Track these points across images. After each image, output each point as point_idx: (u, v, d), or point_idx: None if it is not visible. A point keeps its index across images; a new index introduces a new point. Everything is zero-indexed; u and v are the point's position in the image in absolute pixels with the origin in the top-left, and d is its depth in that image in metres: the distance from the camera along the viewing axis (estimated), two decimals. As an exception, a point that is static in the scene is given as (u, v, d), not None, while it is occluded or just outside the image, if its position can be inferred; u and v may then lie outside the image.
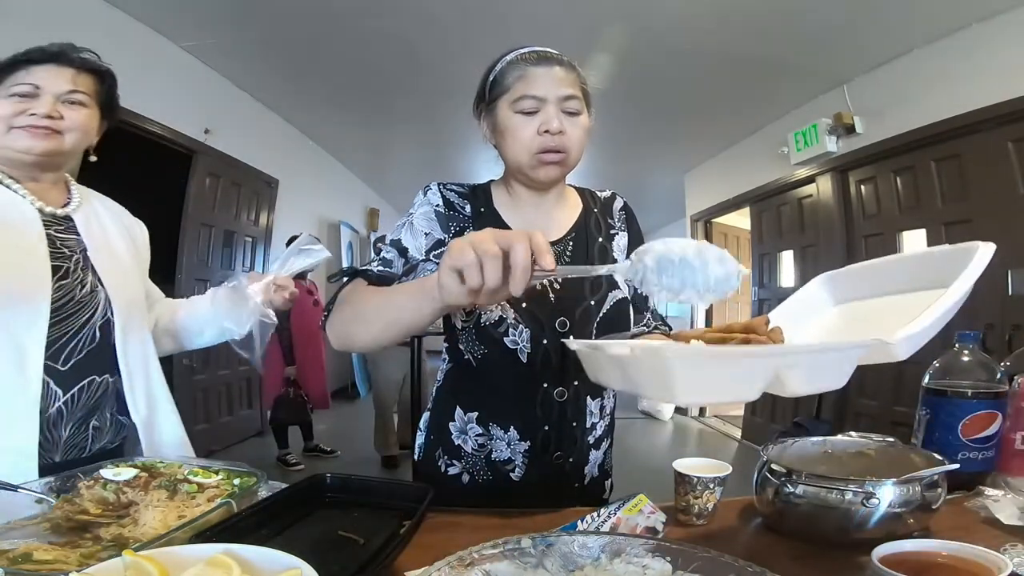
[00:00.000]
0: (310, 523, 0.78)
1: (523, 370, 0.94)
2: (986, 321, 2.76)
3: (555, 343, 0.93)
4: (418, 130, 5.34)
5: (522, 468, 0.96)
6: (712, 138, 5.31)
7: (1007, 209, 2.81)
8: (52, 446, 0.94)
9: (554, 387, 0.95)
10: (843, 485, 0.74)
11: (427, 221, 0.98)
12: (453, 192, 1.01)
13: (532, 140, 0.91)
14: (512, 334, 0.93)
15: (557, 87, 0.91)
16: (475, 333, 0.95)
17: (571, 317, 0.95)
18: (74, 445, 0.97)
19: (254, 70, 4.06)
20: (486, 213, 1.00)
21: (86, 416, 0.98)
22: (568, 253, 1.01)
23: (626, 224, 1.09)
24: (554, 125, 0.90)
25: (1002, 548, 0.68)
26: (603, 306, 0.97)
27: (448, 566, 0.58)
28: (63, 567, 0.58)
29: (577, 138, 0.93)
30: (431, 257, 0.96)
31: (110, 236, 1.09)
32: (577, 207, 1.06)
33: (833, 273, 0.81)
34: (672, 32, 3.30)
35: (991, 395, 0.94)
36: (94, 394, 0.99)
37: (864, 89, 3.71)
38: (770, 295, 4.95)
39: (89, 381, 0.98)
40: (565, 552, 0.63)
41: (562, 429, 0.96)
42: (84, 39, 1.06)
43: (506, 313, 0.93)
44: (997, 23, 2.84)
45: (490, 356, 0.95)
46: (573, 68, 0.95)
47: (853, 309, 0.76)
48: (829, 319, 0.78)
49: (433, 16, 3.24)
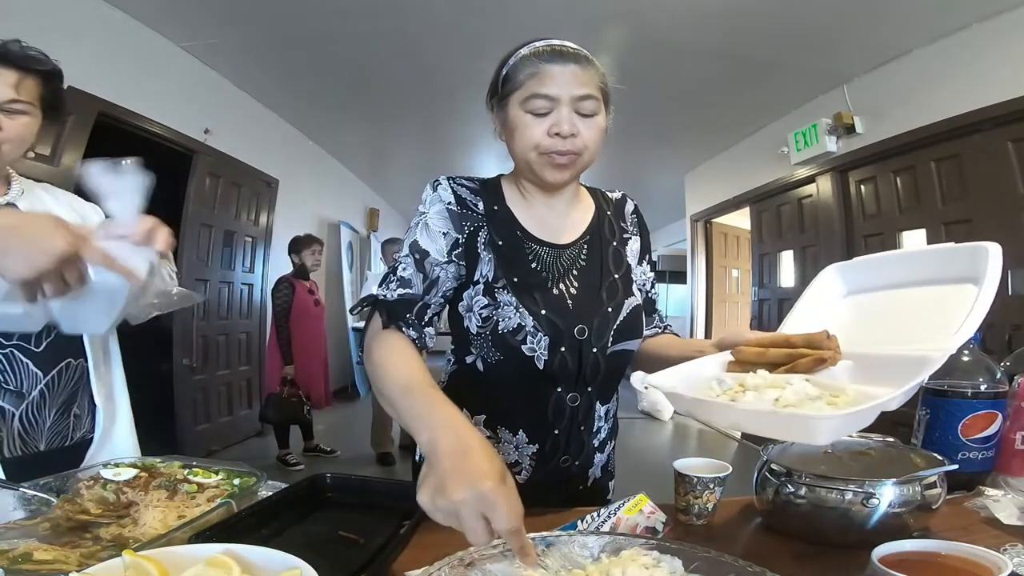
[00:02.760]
0: (310, 523, 0.78)
1: (536, 376, 0.91)
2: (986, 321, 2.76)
3: (573, 350, 0.91)
4: (418, 130, 5.34)
5: (528, 471, 0.95)
6: (712, 138, 5.30)
7: (1007, 209, 2.81)
8: (37, 433, 0.94)
9: (568, 392, 0.93)
10: (843, 485, 0.74)
11: (442, 220, 0.94)
12: (464, 188, 0.96)
13: (542, 140, 0.87)
14: (530, 342, 0.90)
15: (571, 87, 0.86)
16: (491, 340, 0.91)
17: (589, 324, 0.92)
18: (57, 433, 0.97)
19: (254, 70, 4.06)
20: (500, 211, 0.96)
21: (67, 402, 0.99)
22: (583, 257, 0.98)
23: (638, 228, 1.08)
24: (564, 128, 0.85)
25: (1002, 548, 0.68)
26: (620, 313, 0.95)
27: (448, 566, 0.58)
28: (63, 567, 0.58)
29: (592, 140, 0.89)
30: (452, 257, 0.92)
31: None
32: (590, 209, 1.04)
33: (841, 265, 0.81)
34: (672, 32, 3.30)
35: (991, 395, 0.94)
36: (72, 377, 0.99)
37: (864, 89, 3.71)
38: (770, 295, 4.95)
39: (67, 364, 0.98)
40: (565, 552, 0.63)
41: (571, 433, 0.95)
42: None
43: (524, 321, 0.89)
44: (997, 23, 2.84)
45: (504, 362, 0.91)
46: (591, 64, 0.90)
47: (861, 301, 0.77)
48: (841, 312, 0.78)
49: (434, 16, 3.24)
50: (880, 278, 0.75)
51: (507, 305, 0.90)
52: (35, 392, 0.93)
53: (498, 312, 0.90)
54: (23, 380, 0.92)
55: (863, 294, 0.78)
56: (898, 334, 0.64)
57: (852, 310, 0.78)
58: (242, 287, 4.57)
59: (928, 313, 0.64)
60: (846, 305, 0.79)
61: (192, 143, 3.82)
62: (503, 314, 0.90)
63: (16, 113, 0.93)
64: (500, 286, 0.91)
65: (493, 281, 0.91)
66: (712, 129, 5.03)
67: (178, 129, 3.64)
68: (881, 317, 0.72)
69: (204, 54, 3.78)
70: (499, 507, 0.54)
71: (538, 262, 0.95)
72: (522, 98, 0.88)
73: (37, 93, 0.96)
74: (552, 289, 0.93)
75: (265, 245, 4.84)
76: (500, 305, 0.90)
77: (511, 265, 0.92)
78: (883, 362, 0.62)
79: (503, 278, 0.91)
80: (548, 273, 0.94)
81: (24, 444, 0.93)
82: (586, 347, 0.91)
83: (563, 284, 0.94)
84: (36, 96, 0.96)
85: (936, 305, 0.64)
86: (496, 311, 0.90)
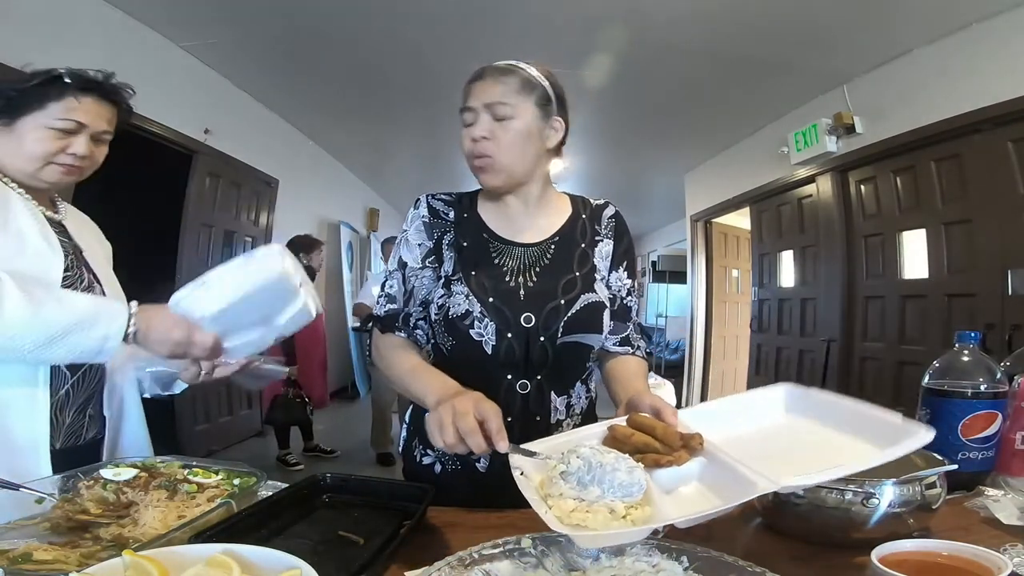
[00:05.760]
0: (310, 523, 0.78)
1: (488, 362, 0.98)
2: (986, 321, 2.76)
3: (519, 336, 0.98)
4: (418, 130, 5.34)
5: (486, 459, 0.99)
6: (712, 138, 5.30)
7: (1007, 209, 2.80)
8: (56, 432, 0.96)
9: (517, 379, 0.99)
10: (843, 485, 0.74)
11: (418, 233, 1.06)
12: (440, 201, 1.08)
13: (469, 149, 0.99)
14: (477, 327, 0.98)
15: (485, 96, 0.97)
16: (444, 325, 1.01)
17: (538, 314, 0.99)
18: (72, 432, 0.99)
19: (254, 70, 4.06)
20: (469, 218, 1.07)
21: (85, 403, 1.01)
22: (548, 255, 1.05)
23: (613, 232, 1.11)
24: (475, 132, 0.97)
25: (1002, 548, 0.68)
26: (573, 306, 1.00)
27: (448, 566, 0.58)
28: (63, 567, 0.58)
29: (506, 141, 0.97)
30: (426, 264, 1.05)
31: (92, 243, 1.13)
32: (564, 213, 1.10)
33: (797, 388, 0.84)
34: (672, 32, 3.29)
35: (991, 395, 0.94)
36: (93, 379, 1.02)
37: (864, 89, 3.71)
38: (770, 295, 4.95)
39: (90, 367, 1.00)
40: (565, 552, 0.64)
41: (526, 421, 0.99)
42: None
43: (472, 307, 0.98)
44: (997, 23, 2.83)
45: (457, 347, 1.01)
46: (509, 73, 0.99)
47: (796, 425, 0.81)
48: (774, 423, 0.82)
49: (434, 16, 3.24)
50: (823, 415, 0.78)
51: (459, 293, 1.00)
52: (62, 391, 0.96)
53: (450, 299, 1.00)
54: (54, 378, 0.95)
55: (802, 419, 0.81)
56: (779, 459, 0.68)
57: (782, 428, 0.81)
58: (242, 287, 4.55)
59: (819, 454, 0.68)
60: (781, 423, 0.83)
61: (192, 143, 3.82)
62: (454, 301, 1.00)
63: (102, 143, 1.03)
64: (456, 278, 1.01)
65: (452, 274, 1.03)
66: (712, 129, 5.03)
67: (178, 129, 3.64)
68: (795, 448, 0.76)
69: (204, 54, 3.78)
70: (488, 410, 0.77)
71: (500, 257, 1.04)
72: (460, 114, 1.01)
73: (116, 122, 1.06)
74: (509, 282, 1.01)
75: (265, 245, 4.83)
76: (453, 293, 1.00)
77: (472, 261, 1.03)
78: (727, 471, 0.66)
79: (461, 271, 1.02)
80: (508, 268, 1.03)
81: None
82: (533, 335, 0.98)
83: (522, 278, 1.02)
84: (115, 125, 1.06)
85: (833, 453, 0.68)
86: (449, 299, 1.00)
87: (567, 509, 0.63)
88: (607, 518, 0.62)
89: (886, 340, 3.57)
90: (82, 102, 0.96)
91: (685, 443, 0.72)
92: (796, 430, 0.79)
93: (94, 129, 0.99)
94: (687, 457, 0.72)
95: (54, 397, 0.94)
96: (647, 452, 0.72)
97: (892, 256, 3.56)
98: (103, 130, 1.01)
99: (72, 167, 0.98)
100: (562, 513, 0.63)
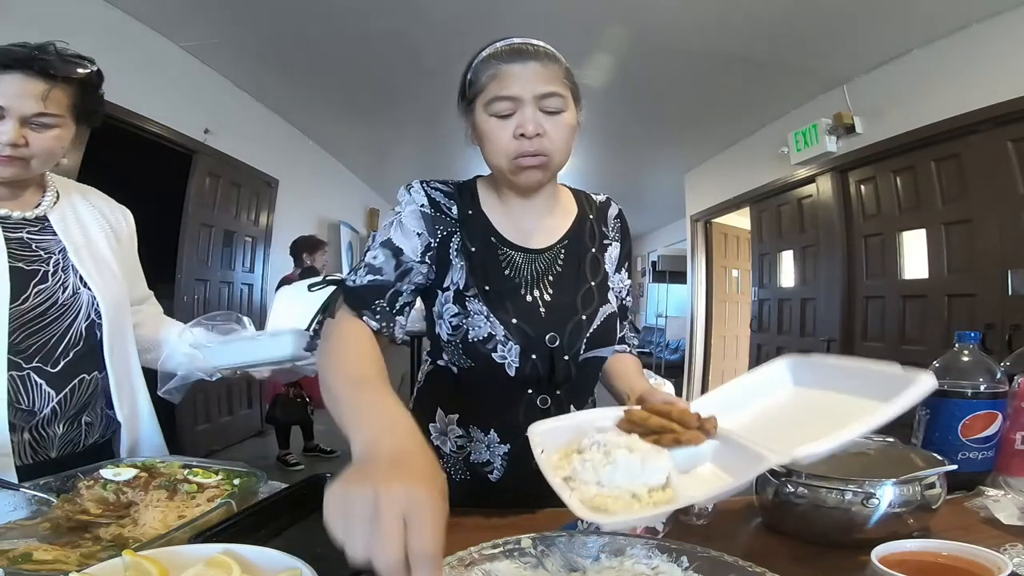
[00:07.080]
0: (310, 523, 0.78)
1: (507, 381, 0.91)
2: (986, 321, 2.76)
3: (544, 357, 0.90)
4: (418, 130, 5.34)
5: (500, 470, 0.95)
6: (712, 138, 5.30)
7: (1007, 209, 2.80)
8: (48, 443, 0.95)
9: (538, 395, 0.93)
10: (843, 485, 0.74)
11: (416, 220, 0.92)
12: (438, 191, 0.95)
13: (509, 144, 0.85)
14: (501, 350, 0.89)
15: (533, 85, 0.83)
16: (462, 348, 0.91)
17: (561, 332, 0.91)
18: (68, 441, 0.98)
19: (254, 70, 4.06)
20: (474, 215, 0.95)
21: (78, 413, 0.99)
22: (560, 262, 0.97)
23: (620, 234, 1.06)
24: (529, 128, 0.83)
25: (1002, 548, 0.68)
26: (594, 321, 0.94)
27: (448, 566, 0.58)
28: (63, 567, 0.58)
29: (560, 138, 0.86)
30: (425, 259, 0.91)
31: (90, 233, 1.04)
32: (571, 212, 1.02)
33: (799, 358, 0.82)
34: (672, 32, 3.29)
35: (991, 395, 0.94)
36: (85, 391, 0.99)
37: (864, 89, 3.71)
38: (770, 295, 4.94)
39: (80, 380, 0.98)
40: (565, 552, 0.64)
41: None
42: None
43: (495, 330, 0.89)
44: (997, 23, 2.83)
45: (475, 368, 0.91)
46: (554, 59, 0.87)
47: (804, 396, 0.79)
48: (782, 398, 0.80)
49: (434, 16, 3.24)
50: (827, 380, 0.77)
51: (477, 314, 0.89)
52: (47, 410, 0.94)
53: (468, 321, 0.89)
54: (35, 400, 0.92)
55: (808, 389, 0.79)
56: (791, 432, 0.67)
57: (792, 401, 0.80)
58: (242, 287, 4.57)
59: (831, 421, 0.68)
60: (790, 394, 0.81)
61: (192, 143, 3.82)
62: (473, 323, 0.89)
63: (43, 127, 0.88)
64: (471, 295, 0.90)
65: (464, 289, 0.90)
66: (712, 129, 5.03)
67: (178, 129, 3.64)
68: (798, 413, 0.75)
69: (204, 54, 3.78)
70: (428, 517, 0.43)
71: (511, 268, 0.94)
72: (485, 101, 0.86)
73: (67, 103, 0.91)
74: (525, 296, 0.92)
75: (265, 245, 4.84)
76: (471, 314, 0.89)
77: (483, 272, 0.91)
78: (737, 450, 0.66)
79: (474, 286, 0.90)
80: (521, 279, 0.93)
81: (35, 452, 0.94)
82: (558, 354, 0.91)
83: (537, 290, 0.93)
84: (66, 106, 0.91)
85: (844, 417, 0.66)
86: (466, 319, 0.89)
87: (589, 495, 0.62)
88: (629, 502, 0.61)
89: (886, 340, 3.57)
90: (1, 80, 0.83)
91: (700, 425, 0.71)
92: (805, 401, 0.77)
93: (21, 112, 0.85)
94: (704, 438, 0.70)
95: (38, 416, 0.92)
96: (664, 433, 0.70)
97: (892, 256, 3.55)
98: (35, 112, 0.86)
99: (7, 157, 0.85)
100: (584, 498, 0.62)
